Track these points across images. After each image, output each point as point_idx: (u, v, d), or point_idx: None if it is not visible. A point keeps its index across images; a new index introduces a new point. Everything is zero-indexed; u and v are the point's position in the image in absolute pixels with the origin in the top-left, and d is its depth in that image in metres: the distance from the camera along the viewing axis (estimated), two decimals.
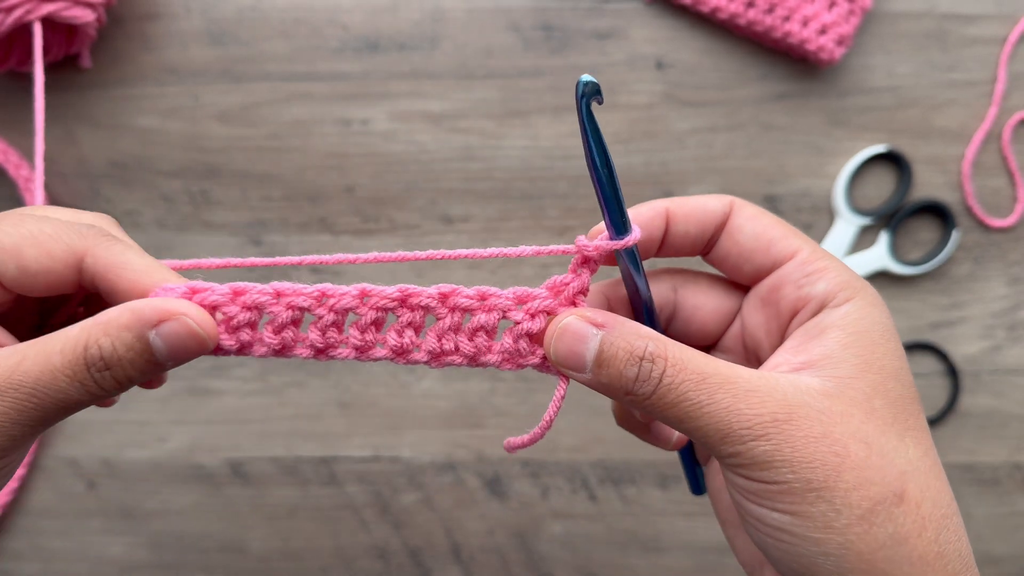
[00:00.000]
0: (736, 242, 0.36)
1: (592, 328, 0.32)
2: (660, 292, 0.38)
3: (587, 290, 0.34)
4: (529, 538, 0.61)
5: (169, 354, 0.32)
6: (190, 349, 0.32)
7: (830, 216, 0.60)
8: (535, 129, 0.60)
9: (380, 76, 0.60)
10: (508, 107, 0.60)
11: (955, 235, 0.59)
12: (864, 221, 0.59)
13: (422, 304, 0.34)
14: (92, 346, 0.31)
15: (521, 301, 0.34)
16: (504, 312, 0.34)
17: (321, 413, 0.62)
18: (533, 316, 0.34)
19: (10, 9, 0.52)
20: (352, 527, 0.60)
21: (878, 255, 0.60)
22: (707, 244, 0.37)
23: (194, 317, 0.32)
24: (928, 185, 0.60)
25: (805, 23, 0.57)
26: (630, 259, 0.34)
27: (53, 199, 0.59)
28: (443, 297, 0.34)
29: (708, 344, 0.39)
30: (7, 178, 0.59)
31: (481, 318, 0.34)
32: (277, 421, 0.61)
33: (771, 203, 0.60)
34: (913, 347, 0.60)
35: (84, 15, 0.54)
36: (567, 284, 0.34)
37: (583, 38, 0.60)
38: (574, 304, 0.34)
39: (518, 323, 0.34)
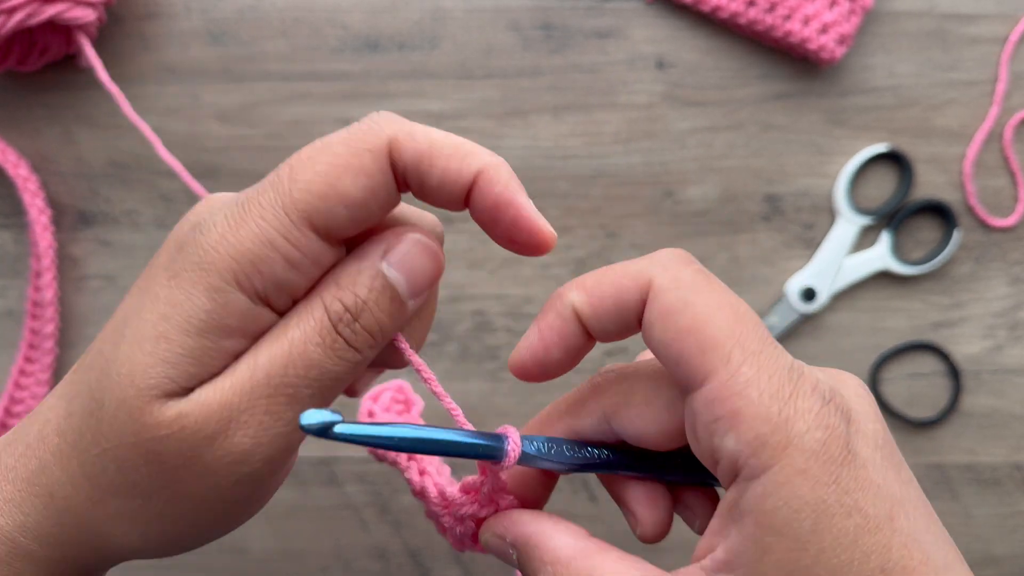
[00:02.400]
0: (649, 341, 0.27)
1: (507, 548, 0.29)
2: (593, 427, 0.31)
3: (505, 488, 0.30)
4: None
5: (408, 283, 0.28)
6: (427, 270, 0.29)
7: (831, 216, 0.60)
8: (535, 129, 0.60)
9: (380, 76, 0.60)
10: (508, 107, 0.60)
11: (956, 235, 0.59)
12: (865, 221, 0.59)
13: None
14: (331, 301, 0.27)
15: (447, 507, 0.31)
16: (437, 517, 0.32)
17: None
18: (461, 520, 0.31)
19: (11, 11, 0.52)
20: (352, 527, 0.60)
21: (879, 255, 0.59)
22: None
23: (423, 232, 0.29)
24: (929, 185, 0.60)
25: (806, 22, 0.57)
26: (529, 463, 0.30)
27: (52, 199, 0.59)
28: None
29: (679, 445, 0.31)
30: (5, 177, 0.59)
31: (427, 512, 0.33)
32: None
33: (772, 203, 0.60)
34: (914, 347, 0.60)
35: (85, 15, 0.54)
36: (479, 487, 0.30)
37: (583, 37, 0.60)
38: (497, 506, 0.31)
39: (450, 529, 0.32)
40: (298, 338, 0.26)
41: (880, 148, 0.59)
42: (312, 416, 0.25)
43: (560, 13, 0.60)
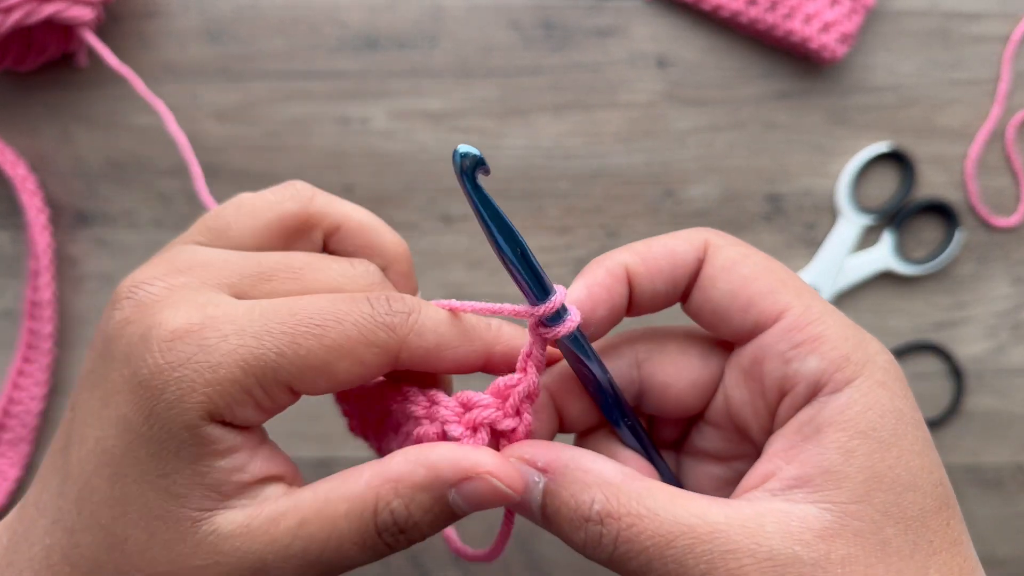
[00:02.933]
0: (709, 298, 0.29)
1: (534, 474, 0.28)
2: (620, 371, 0.31)
3: (535, 394, 0.29)
4: (530, 540, 0.60)
5: (467, 511, 0.27)
6: (491, 505, 0.27)
7: (832, 215, 0.60)
8: (535, 128, 0.59)
9: (379, 74, 0.59)
10: (508, 106, 0.59)
11: (958, 235, 0.59)
12: (867, 220, 0.59)
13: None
14: (383, 510, 0.26)
15: (466, 408, 0.29)
16: (444, 425, 0.29)
17: (320, 414, 0.61)
18: (475, 430, 0.29)
19: (9, 10, 0.52)
20: None
21: (881, 255, 0.59)
22: (683, 293, 0.30)
23: (500, 474, 0.27)
24: (931, 184, 0.60)
25: (807, 21, 0.57)
26: (575, 345, 0.29)
27: (50, 198, 0.59)
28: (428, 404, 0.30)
29: (691, 414, 0.32)
30: (3, 177, 0.59)
31: (421, 430, 0.30)
32: (276, 422, 0.60)
33: (773, 202, 0.60)
34: (916, 347, 0.60)
35: (84, 14, 0.54)
36: (512, 387, 0.29)
37: (583, 36, 0.59)
38: (518, 414, 0.29)
39: (458, 439, 0.29)
40: (342, 532, 0.27)
41: (882, 147, 0.59)
42: (467, 148, 0.26)
43: (560, 12, 0.59)
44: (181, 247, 0.31)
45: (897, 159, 0.60)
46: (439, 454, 0.27)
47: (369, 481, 0.27)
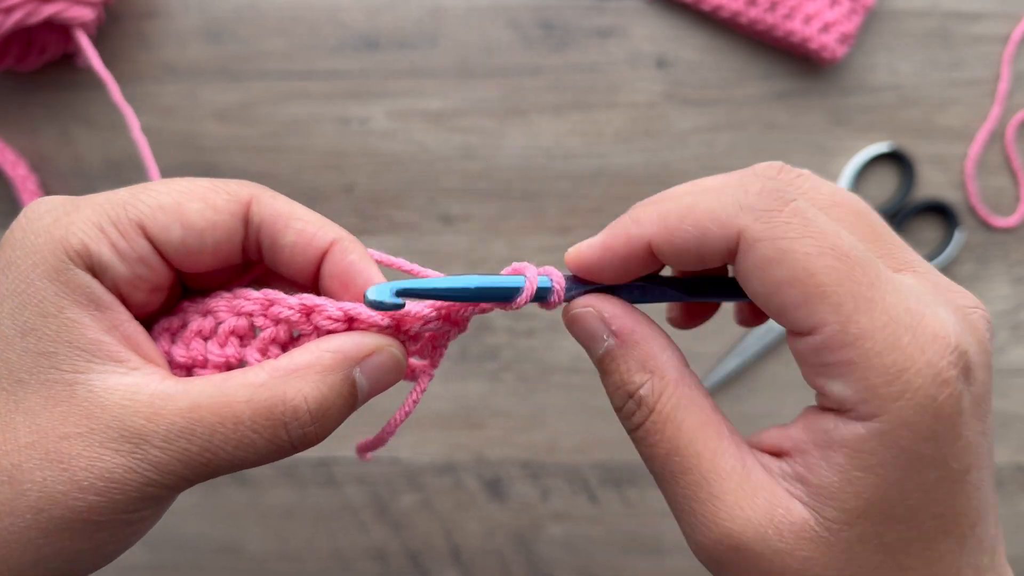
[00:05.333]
0: (745, 287, 0.27)
1: (604, 331, 0.29)
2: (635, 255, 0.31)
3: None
4: (529, 540, 0.60)
5: (369, 393, 0.29)
6: (389, 383, 0.29)
7: None
8: (535, 128, 0.59)
9: (379, 74, 0.59)
10: (508, 106, 0.59)
11: (958, 235, 0.59)
12: None
13: (283, 317, 0.29)
14: (295, 396, 0.26)
15: (349, 320, 0.29)
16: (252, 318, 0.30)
17: None
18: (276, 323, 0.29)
19: (9, 10, 0.52)
20: (350, 529, 0.60)
21: None
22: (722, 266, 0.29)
23: (397, 349, 0.29)
24: (931, 184, 0.60)
25: (807, 21, 0.57)
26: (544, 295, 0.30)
27: None
28: (304, 310, 0.29)
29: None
30: (4, 176, 0.59)
31: (271, 332, 0.29)
32: None
33: None
34: None
35: (84, 15, 0.54)
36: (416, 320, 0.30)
37: (584, 36, 0.59)
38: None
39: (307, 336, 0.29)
40: (240, 418, 0.26)
41: (882, 148, 0.59)
42: (377, 292, 0.27)
43: (561, 12, 0.59)
44: None
45: (897, 159, 0.60)
46: (340, 340, 0.28)
47: (272, 373, 0.27)
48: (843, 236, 0.26)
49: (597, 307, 0.29)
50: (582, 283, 0.31)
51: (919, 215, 0.60)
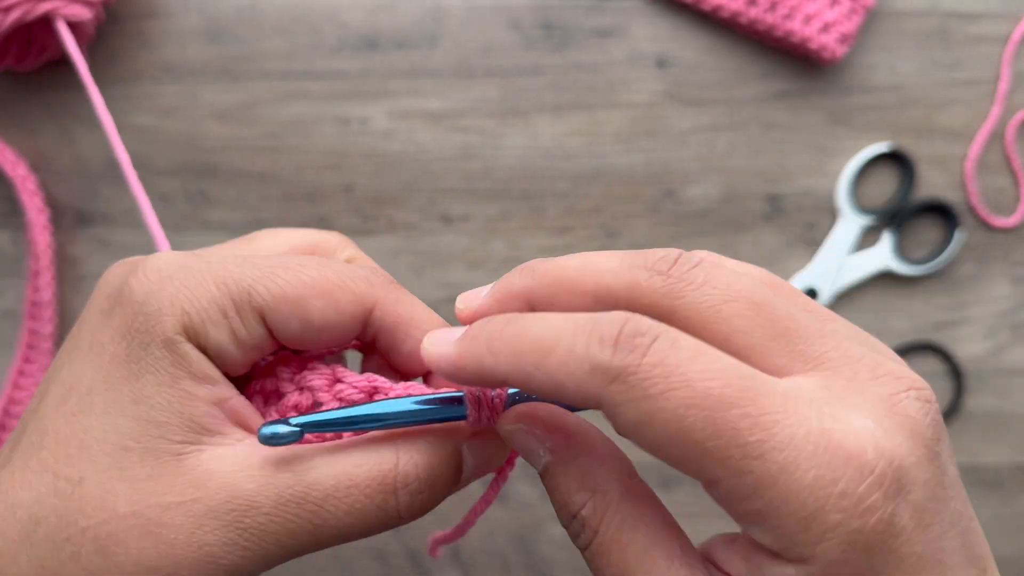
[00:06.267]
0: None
1: (540, 448, 0.26)
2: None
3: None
4: (529, 540, 0.60)
5: (475, 472, 0.28)
6: (494, 466, 0.29)
7: (832, 215, 0.60)
8: (535, 128, 0.59)
9: (379, 74, 0.59)
10: (508, 106, 0.59)
11: (958, 235, 0.59)
12: (867, 220, 0.59)
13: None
14: (406, 463, 0.26)
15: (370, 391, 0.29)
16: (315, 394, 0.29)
17: None
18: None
19: (8, 8, 0.52)
20: None
21: (881, 255, 0.59)
22: None
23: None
24: (931, 184, 0.60)
25: (807, 21, 0.57)
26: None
27: (50, 198, 0.59)
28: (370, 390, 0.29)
29: None
30: (3, 177, 0.59)
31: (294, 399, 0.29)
32: None
33: (773, 202, 0.60)
34: (916, 348, 0.60)
35: (83, 13, 0.54)
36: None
37: (584, 36, 0.59)
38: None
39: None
40: (353, 480, 0.26)
41: (882, 148, 0.59)
42: (269, 428, 0.25)
43: (561, 12, 0.59)
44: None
45: (897, 159, 0.60)
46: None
47: (388, 436, 0.26)
48: (717, 372, 0.22)
49: (528, 420, 0.27)
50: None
51: (919, 215, 0.60)
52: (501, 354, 0.24)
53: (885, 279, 0.60)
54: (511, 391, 0.28)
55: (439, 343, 0.26)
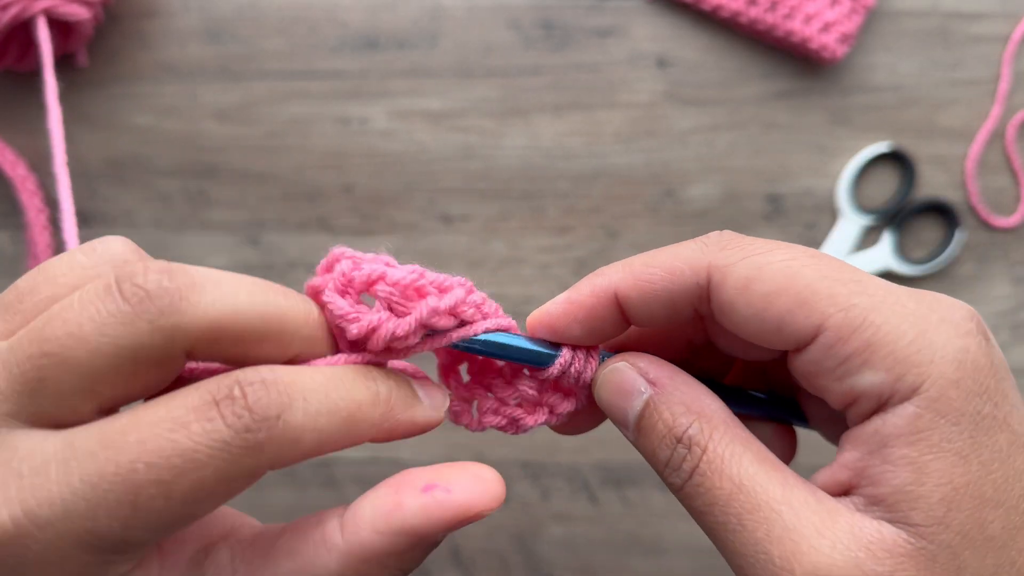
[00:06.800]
0: (732, 325, 0.26)
1: (642, 383, 0.27)
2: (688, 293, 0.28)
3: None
4: (529, 540, 0.60)
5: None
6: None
7: (833, 215, 0.60)
8: (535, 128, 0.59)
9: (379, 74, 0.59)
10: (508, 106, 0.59)
11: (959, 235, 0.59)
12: (867, 220, 0.59)
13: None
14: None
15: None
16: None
17: None
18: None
19: (6, 6, 0.52)
20: None
21: (882, 255, 0.59)
22: (695, 318, 0.27)
23: (479, 507, 0.25)
24: (932, 184, 0.60)
25: (807, 21, 0.57)
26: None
27: (50, 198, 0.59)
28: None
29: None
30: (3, 177, 0.59)
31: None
32: None
33: (773, 202, 0.60)
34: None
35: (81, 13, 0.54)
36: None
37: (584, 36, 0.59)
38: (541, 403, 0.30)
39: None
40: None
41: (882, 147, 0.59)
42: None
43: (561, 11, 0.59)
44: None
45: (897, 159, 0.59)
46: (410, 514, 0.24)
47: (341, 562, 0.24)
48: (808, 249, 0.26)
49: (631, 360, 0.27)
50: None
51: (919, 215, 0.60)
52: (611, 270, 0.27)
53: (885, 279, 0.60)
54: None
55: (547, 304, 0.28)
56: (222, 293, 0.23)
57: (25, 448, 0.21)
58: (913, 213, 0.59)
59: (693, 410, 0.26)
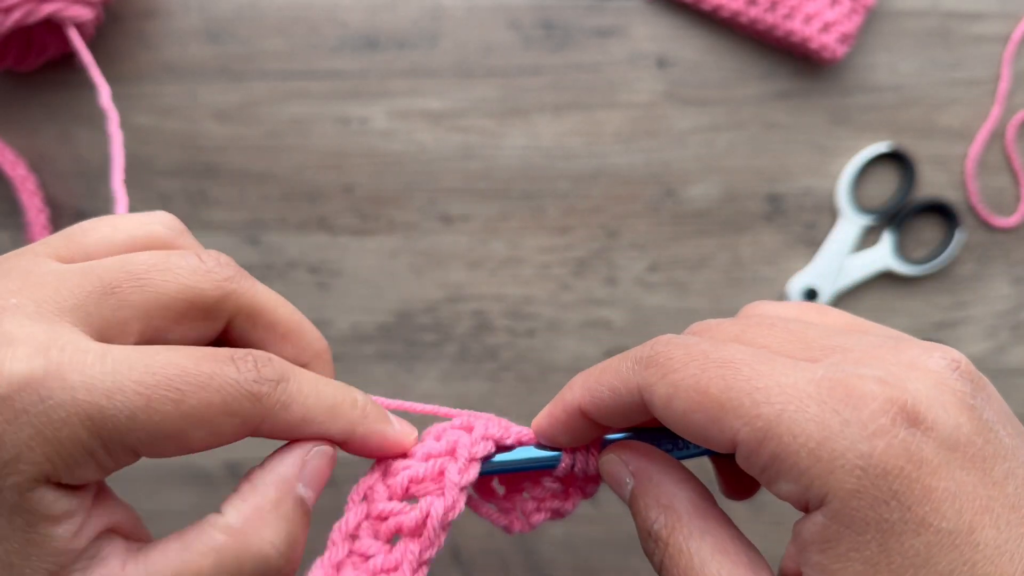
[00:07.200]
0: (676, 432, 0.27)
1: (627, 474, 0.29)
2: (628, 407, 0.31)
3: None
4: (530, 540, 0.60)
5: (315, 499, 0.31)
6: (327, 478, 0.32)
7: (833, 215, 0.60)
8: (535, 128, 0.59)
9: (379, 74, 0.59)
10: (508, 105, 0.59)
11: (959, 235, 0.59)
12: (867, 220, 0.59)
13: None
14: (263, 547, 0.27)
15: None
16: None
17: None
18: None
19: (9, 10, 0.52)
20: None
21: (882, 255, 0.59)
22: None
23: (327, 440, 0.30)
24: (932, 184, 0.60)
25: (807, 21, 0.57)
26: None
27: (50, 198, 0.59)
28: None
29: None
30: (3, 177, 0.59)
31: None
32: None
33: (773, 202, 0.60)
34: None
35: (84, 14, 0.54)
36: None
37: (584, 36, 0.59)
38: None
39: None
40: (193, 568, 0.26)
41: (882, 147, 0.59)
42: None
43: (560, 11, 0.59)
44: (20, 256, 0.27)
45: (897, 159, 0.60)
46: (275, 464, 0.29)
47: (227, 531, 0.27)
48: (729, 348, 0.26)
49: (617, 452, 0.30)
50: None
51: (919, 215, 0.60)
52: (576, 385, 0.29)
53: (885, 279, 0.60)
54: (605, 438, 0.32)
55: (539, 416, 0.31)
56: (267, 289, 0.30)
57: (71, 336, 0.24)
58: (913, 213, 0.59)
59: (661, 503, 0.28)
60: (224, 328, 0.29)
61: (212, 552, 0.26)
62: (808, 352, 0.26)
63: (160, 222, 0.30)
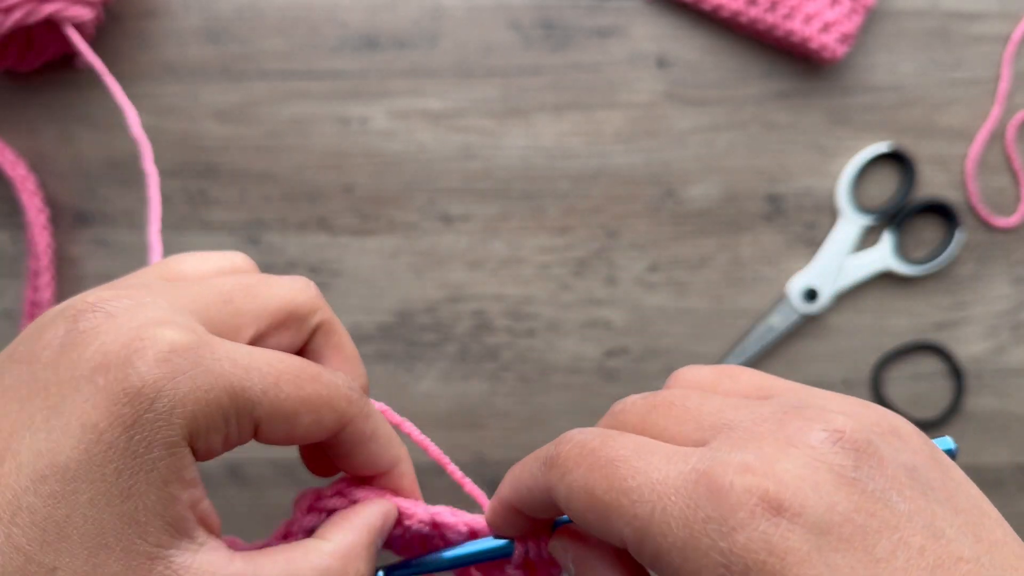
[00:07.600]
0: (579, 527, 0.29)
1: (568, 561, 0.30)
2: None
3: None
4: None
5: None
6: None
7: (833, 215, 0.60)
8: (535, 128, 0.59)
9: (379, 74, 0.59)
10: (508, 105, 0.59)
11: (959, 235, 0.59)
12: (867, 220, 0.59)
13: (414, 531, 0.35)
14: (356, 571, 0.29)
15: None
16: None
17: None
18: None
19: (9, 10, 0.52)
20: None
21: (882, 255, 0.59)
22: None
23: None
24: (932, 184, 0.60)
25: (807, 21, 0.57)
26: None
27: (50, 198, 0.59)
28: None
29: None
30: (3, 177, 0.59)
31: None
32: None
33: (773, 202, 0.60)
34: (916, 348, 0.60)
35: (84, 14, 0.54)
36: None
37: (584, 36, 0.59)
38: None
39: None
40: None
41: (882, 147, 0.59)
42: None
43: (561, 11, 0.59)
44: (133, 278, 0.30)
45: (897, 159, 0.60)
46: (370, 514, 0.31)
47: (333, 556, 0.28)
48: (617, 444, 0.26)
49: (559, 539, 0.31)
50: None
51: (919, 215, 0.60)
52: (506, 483, 0.31)
53: (885, 279, 0.60)
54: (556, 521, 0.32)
55: (487, 509, 0.33)
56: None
57: (203, 328, 0.27)
58: (913, 213, 0.59)
59: None
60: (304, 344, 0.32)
61: (317, 572, 0.28)
62: (699, 432, 0.26)
63: (239, 257, 0.33)
